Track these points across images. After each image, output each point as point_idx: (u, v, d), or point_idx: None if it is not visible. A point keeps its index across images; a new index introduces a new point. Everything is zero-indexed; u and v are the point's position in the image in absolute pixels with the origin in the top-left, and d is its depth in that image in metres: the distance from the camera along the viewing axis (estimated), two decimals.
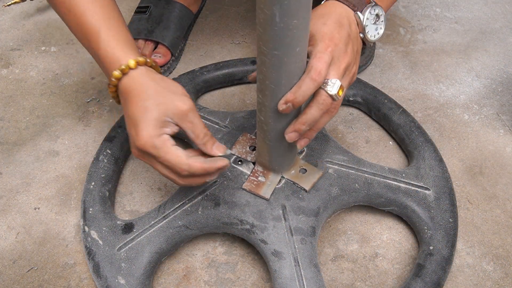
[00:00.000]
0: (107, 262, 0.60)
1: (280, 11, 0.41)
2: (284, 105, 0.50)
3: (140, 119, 0.53)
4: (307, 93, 0.50)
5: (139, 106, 0.54)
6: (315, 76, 0.49)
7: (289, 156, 0.62)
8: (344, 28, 0.54)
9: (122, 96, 0.56)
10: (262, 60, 0.47)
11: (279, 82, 0.49)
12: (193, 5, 0.95)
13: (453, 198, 0.66)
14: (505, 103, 0.84)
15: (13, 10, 1.03)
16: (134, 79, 0.55)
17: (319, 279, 0.58)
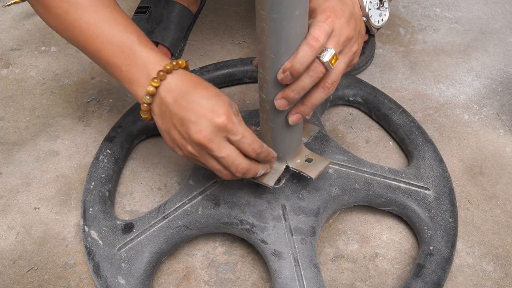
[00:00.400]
0: (107, 262, 0.60)
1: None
2: (282, 74, 0.49)
3: (216, 100, 0.52)
4: (304, 60, 0.48)
5: (209, 91, 0.53)
6: (312, 42, 0.48)
7: (292, 141, 0.60)
8: (347, 6, 0.53)
9: (173, 90, 0.53)
10: (262, 27, 0.47)
11: (279, 50, 0.48)
12: (193, 5, 0.95)
13: (453, 198, 0.66)
14: (505, 103, 0.84)
15: (13, 10, 1.03)
16: (186, 74, 0.55)
17: (319, 279, 0.58)
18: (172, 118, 0.53)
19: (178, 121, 0.53)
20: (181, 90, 0.53)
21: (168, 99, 0.53)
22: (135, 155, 0.77)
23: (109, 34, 0.55)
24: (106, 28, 0.55)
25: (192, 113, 0.52)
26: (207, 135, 0.51)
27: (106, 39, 0.55)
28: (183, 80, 0.54)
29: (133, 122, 0.75)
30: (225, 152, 0.52)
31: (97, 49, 0.56)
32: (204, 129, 0.51)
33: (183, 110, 0.52)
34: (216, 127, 0.51)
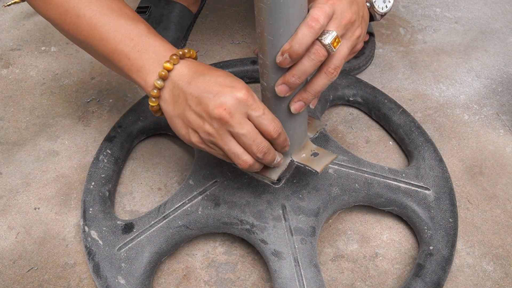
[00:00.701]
0: (107, 262, 0.60)
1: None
2: (281, 56, 0.48)
3: (233, 78, 0.51)
4: (303, 41, 0.47)
5: (224, 72, 0.51)
6: (311, 22, 0.47)
7: (295, 133, 0.58)
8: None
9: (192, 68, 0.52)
10: (259, 8, 0.45)
11: (277, 31, 0.47)
12: (193, 5, 0.95)
13: (453, 198, 0.66)
14: (505, 103, 0.84)
15: (13, 10, 1.03)
16: (198, 62, 0.54)
17: (319, 279, 0.58)
18: (187, 99, 0.51)
19: (194, 100, 0.50)
20: (195, 73, 0.51)
21: (181, 82, 0.51)
22: (135, 155, 0.77)
23: (117, 22, 0.53)
24: (113, 16, 0.54)
25: (211, 90, 0.49)
26: (228, 108, 0.48)
27: (113, 27, 0.53)
28: (196, 65, 0.52)
29: (133, 122, 0.75)
30: (247, 128, 0.49)
31: (103, 38, 0.54)
32: (224, 102, 0.48)
33: (200, 89, 0.50)
34: (237, 100, 0.48)
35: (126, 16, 0.54)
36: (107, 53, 0.54)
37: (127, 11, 0.55)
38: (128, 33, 0.53)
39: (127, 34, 0.53)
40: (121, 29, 0.53)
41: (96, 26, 0.54)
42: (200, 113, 0.50)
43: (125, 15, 0.54)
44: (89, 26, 0.54)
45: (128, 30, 0.53)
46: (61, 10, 0.55)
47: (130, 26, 0.54)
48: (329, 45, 0.48)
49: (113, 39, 0.53)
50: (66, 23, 0.56)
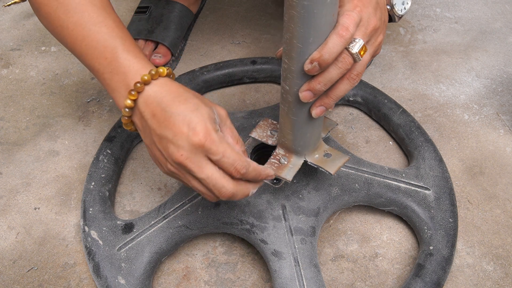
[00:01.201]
0: (107, 262, 0.60)
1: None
2: (310, 64, 0.48)
3: (194, 115, 0.48)
4: (333, 50, 0.46)
5: (187, 103, 0.49)
6: (342, 31, 0.46)
7: (313, 135, 0.58)
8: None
9: (151, 104, 0.50)
10: (290, 15, 0.45)
11: (307, 39, 0.46)
12: (193, 5, 0.95)
13: (453, 198, 0.66)
14: (505, 103, 0.84)
15: (13, 10, 1.03)
16: (167, 84, 0.51)
17: (319, 279, 0.58)
18: (151, 134, 0.51)
19: (156, 138, 0.50)
20: (158, 104, 0.49)
21: (146, 113, 0.50)
22: (135, 155, 0.77)
23: (94, 38, 0.53)
24: (92, 30, 0.53)
25: (169, 130, 0.48)
26: (184, 154, 0.48)
27: (90, 43, 0.53)
28: (161, 91, 0.50)
29: None
30: (206, 172, 0.49)
31: (83, 53, 0.54)
32: (181, 148, 0.48)
33: (161, 127, 0.49)
34: (194, 145, 0.48)
35: (105, 28, 0.54)
36: (87, 66, 0.55)
37: (108, 22, 0.54)
38: (103, 50, 0.53)
39: (102, 51, 0.53)
40: (97, 45, 0.53)
41: (77, 39, 0.54)
42: (162, 152, 0.50)
43: (105, 27, 0.54)
44: (71, 39, 0.55)
45: (104, 47, 0.53)
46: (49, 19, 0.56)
47: (106, 42, 0.53)
48: (357, 54, 0.49)
49: (91, 55, 0.54)
50: (54, 33, 0.57)
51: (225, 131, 0.52)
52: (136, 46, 0.54)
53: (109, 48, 0.53)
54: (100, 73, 0.54)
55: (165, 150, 0.49)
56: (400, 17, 0.58)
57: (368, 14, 0.50)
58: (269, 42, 0.96)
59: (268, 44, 0.95)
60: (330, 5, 0.45)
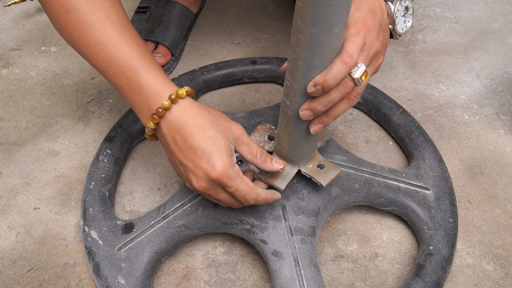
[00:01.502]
0: (107, 262, 0.60)
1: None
2: (313, 87, 0.49)
3: (211, 150, 0.52)
4: (337, 76, 0.48)
5: (206, 137, 0.52)
6: (347, 59, 0.48)
7: (309, 147, 0.60)
8: (377, 17, 0.53)
9: (172, 128, 0.53)
10: (298, 39, 0.46)
11: (312, 63, 0.47)
12: (193, 5, 0.95)
13: (453, 198, 0.66)
14: (505, 103, 0.84)
15: (13, 10, 1.03)
16: (186, 108, 0.53)
17: (319, 279, 0.58)
18: (173, 155, 0.55)
19: (178, 161, 0.54)
20: (178, 131, 0.53)
21: (168, 137, 0.54)
22: (135, 155, 0.77)
23: (114, 57, 0.54)
24: (111, 50, 0.54)
25: (189, 160, 0.53)
26: (203, 185, 0.53)
27: (111, 63, 0.55)
28: (181, 117, 0.53)
29: (133, 122, 0.75)
30: (221, 196, 0.55)
31: (104, 70, 0.56)
32: (200, 179, 0.53)
33: (181, 154, 0.53)
34: (211, 180, 0.52)
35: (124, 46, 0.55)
36: (109, 82, 0.57)
37: (127, 40, 0.55)
38: (124, 70, 0.54)
39: (123, 71, 0.54)
40: (118, 65, 0.55)
41: (98, 57, 0.55)
42: (183, 174, 0.55)
43: (124, 45, 0.55)
44: (92, 56, 0.56)
45: (124, 67, 0.54)
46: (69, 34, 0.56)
47: (126, 61, 0.54)
48: (358, 79, 0.50)
49: (112, 74, 0.55)
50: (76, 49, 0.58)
51: (243, 149, 0.56)
52: (154, 64, 0.56)
53: (129, 69, 0.54)
54: (122, 91, 0.56)
55: (185, 174, 0.55)
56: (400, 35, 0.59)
57: (372, 38, 0.51)
58: (269, 42, 0.96)
59: (268, 44, 0.96)
60: (337, 33, 0.46)
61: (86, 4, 0.54)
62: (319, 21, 0.43)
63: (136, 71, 0.54)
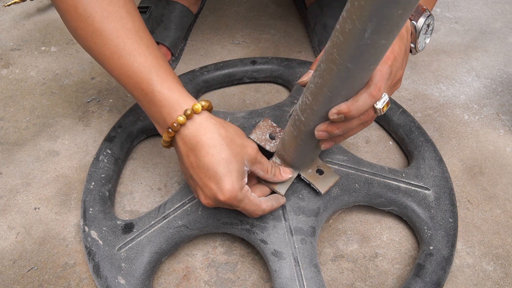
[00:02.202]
0: (107, 262, 0.60)
1: (373, 29, 0.38)
2: (336, 115, 0.48)
3: (223, 173, 0.52)
4: (363, 108, 0.48)
5: (220, 159, 0.52)
6: (375, 92, 0.47)
7: (312, 157, 0.61)
8: (403, 41, 0.52)
9: (187, 144, 0.53)
10: (330, 68, 0.45)
11: (339, 92, 0.47)
12: (193, 6, 0.95)
13: (453, 198, 0.66)
14: (505, 103, 0.84)
15: (13, 10, 1.03)
16: (202, 125, 0.53)
17: (319, 279, 0.58)
18: (186, 167, 0.55)
19: (189, 174, 0.55)
20: (192, 148, 0.53)
21: (182, 150, 0.54)
22: (135, 155, 0.77)
23: (130, 67, 0.54)
24: (127, 60, 0.54)
25: (200, 179, 0.53)
26: (210, 203, 0.55)
27: (127, 73, 0.55)
28: (195, 135, 0.53)
29: (133, 122, 0.75)
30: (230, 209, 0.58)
31: (121, 81, 0.56)
32: (208, 198, 0.54)
33: (193, 171, 0.54)
34: (220, 201, 0.53)
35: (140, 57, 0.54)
36: (129, 93, 0.58)
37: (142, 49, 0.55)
38: (139, 81, 0.54)
39: (139, 82, 0.54)
40: (134, 76, 0.54)
41: (115, 67, 0.55)
42: (193, 186, 0.56)
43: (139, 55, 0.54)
44: (109, 66, 0.56)
45: (140, 78, 0.54)
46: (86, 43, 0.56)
47: (141, 73, 0.54)
48: (380, 110, 0.50)
49: (128, 84, 0.55)
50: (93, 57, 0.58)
51: (256, 167, 0.57)
52: (170, 74, 0.55)
53: (144, 80, 0.54)
54: (139, 101, 0.56)
55: (195, 188, 0.56)
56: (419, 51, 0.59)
57: (397, 66, 0.51)
58: (269, 42, 0.96)
59: (268, 44, 0.96)
60: (371, 70, 0.45)
61: (101, 12, 0.54)
62: (358, 59, 0.42)
63: (150, 83, 0.54)
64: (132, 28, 0.55)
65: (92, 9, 0.53)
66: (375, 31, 0.38)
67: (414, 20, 0.54)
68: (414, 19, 0.54)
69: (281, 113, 0.72)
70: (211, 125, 0.53)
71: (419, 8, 0.54)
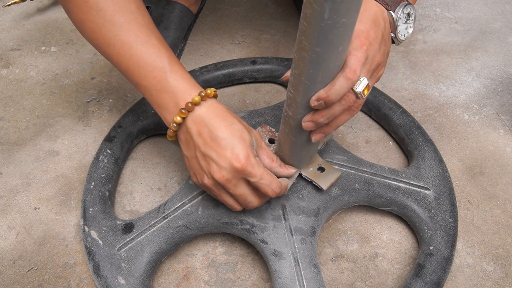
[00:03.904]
0: (107, 262, 0.60)
1: (331, 8, 0.40)
2: (316, 101, 0.50)
3: (237, 140, 0.53)
4: (340, 92, 0.49)
5: (232, 129, 0.54)
6: (350, 75, 0.48)
7: (309, 153, 0.61)
8: (379, 28, 0.53)
9: (199, 123, 0.55)
10: (301, 56, 0.46)
11: (315, 79, 0.48)
12: (193, 6, 0.95)
13: (453, 198, 0.66)
14: (505, 103, 0.84)
15: (13, 10, 1.03)
16: (213, 105, 0.56)
17: (319, 279, 0.58)
18: (195, 150, 0.55)
19: (200, 154, 0.55)
20: (205, 124, 0.54)
21: (192, 130, 0.55)
22: (135, 155, 0.77)
23: (142, 57, 0.56)
24: (139, 50, 0.56)
25: (214, 151, 0.54)
26: (225, 175, 0.53)
27: (138, 62, 0.56)
28: (209, 112, 0.55)
29: (133, 122, 0.75)
30: (240, 191, 0.55)
31: (129, 70, 0.57)
32: (223, 169, 0.53)
33: (206, 146, 0.54)
34: (235, 170, 0.53)
35: (152, 48, 0.56)
36: (133, 82, 0.58)
37: (154, 42, 0.57)
38: (151, 70, 0.56)
39: (151, 70, 0.56)
40: (145, 65, 0.56)
41: (124, 57, 0.57)
42: (202, 168, 0.55)
43: (151, 46, 0.56)
44: (118, 57, 0.57)
45: (152, 66, 0.56)
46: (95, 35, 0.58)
47: (154, 61, 0.56)
48: (360, 93, 0.50)
49: (138, 73, 0.57)
50: (99, 49, 0.59)
51: (262, 153, 0.57)
52: (180, 65, 0.58)
53: (157, 68, 0.56)
54: (147, 89, 0.57)
55: (207, 167, 0.55)
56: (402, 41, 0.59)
57: (374, 51, 0.52)
58: (269, 42, 0.96)
59: (268, 44, 0.96)
60: (340, 53, 0.46)
61: (113, 6, 0.55)
62: (323, 41, 0.43)
63: (164, 71, 0.56)
64: (143, 22, 0.57)
65: (104, 2, 0.55)
66: (333, 10, 0.40)
67: (391, 9, 0.56)
68: (391, 9, 0.56)
69: (281, 113, 0.72)
70: (222, 106, 0.57)
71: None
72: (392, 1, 0.56)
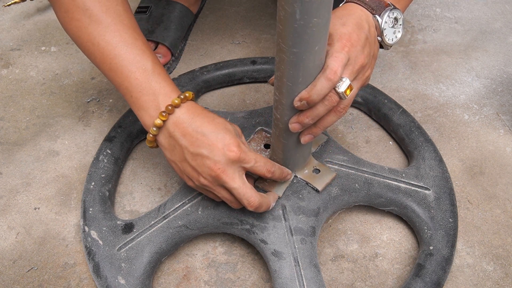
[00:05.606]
0: (107, 262, 0.60)
1: (301, 8, 0.41)
2: (299, 102, 0.51)
3: (225, 132, 0.54)
4: (321, 92, 0.50)
5: (216, 123, 0.55)
6: (330, 75, 0.49)
7: (302, 155, 0.62)
8: (363, 31, 0.54)
9: (181, 124, 0.55)
10: (281, 58, 0.48)
11: (296, 80, 0.49)
12: (193, 5, 0.95)
13: (453, 198, 0.66)
14: (505, 103, 0.84)
15: (13, 10, 1.03)
16: (193, 107, 0.56)
17: (319, 279, 0.58)
18: (183, 152, 0.55)
19: (189, 155, 0.55)
20: (189, 124, 0.55)
21: (176, 133, 0.55)
22: (135, 155, 0.77)
23: (126, 57, 0.56)
24: (123, 51, 0.56)
25: (204, 147, 0.54)
26: (221, 167, 0.53)
27: (121, 62, 0.56)
28: (189, 113, 0.55)
29: (133, 122, 0.75)
30: (238, 183, 0.54)
31: (112, 70, 0.57)
32: (218, 162, 0.53)
33: (194, 145, 0.54)
34: (230, 159, 0.53)
35: (136, 50, 0.57)
36: (114, 83, 0.58)
37: (138, 44, 0.57)
38: (134, 71, 0.56)
39: (133, 71, 0.56)
40: (129, 65, 0.56)
41: (107, 57, 0.57)
42: (195, 168, 0.55)
43: (136, 48, 0.57)
44: (101, 56, 0.57)
45: (135, 67, 0.56)
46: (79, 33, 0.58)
47: (137, 64, 0.56)
48: (342, 93, 0.51)
49: (120, 73, 0.56)
50: (82, 48, 0.59)
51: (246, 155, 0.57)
52: (163, 68, 0.58)
53: (140, 69, 0.56)
54: (128, 91, 0.57)
55: (200, 166, 0.54)
56: (391, 46, 0.59)
57: (356, 53, 0.52)
58: (269, 42, 0.96)
59: (268, 44, 0.96)
60: (318, 51, 0.47)
61: (100, 7, 0.56)
62: (299, 41, 0.45)
63: (147, 73, 0.56)
64: (129, 24, 0.58)
65: (91, 2, 0.55)
66: (303, 11, 0.41)
67: (377, 14, 0.56)
68: (377, 13, 0.56)
69: None
70: (200, 107, 0.57)
71: (382, 3, 0.57)
72: (378, 6, 0.56)
